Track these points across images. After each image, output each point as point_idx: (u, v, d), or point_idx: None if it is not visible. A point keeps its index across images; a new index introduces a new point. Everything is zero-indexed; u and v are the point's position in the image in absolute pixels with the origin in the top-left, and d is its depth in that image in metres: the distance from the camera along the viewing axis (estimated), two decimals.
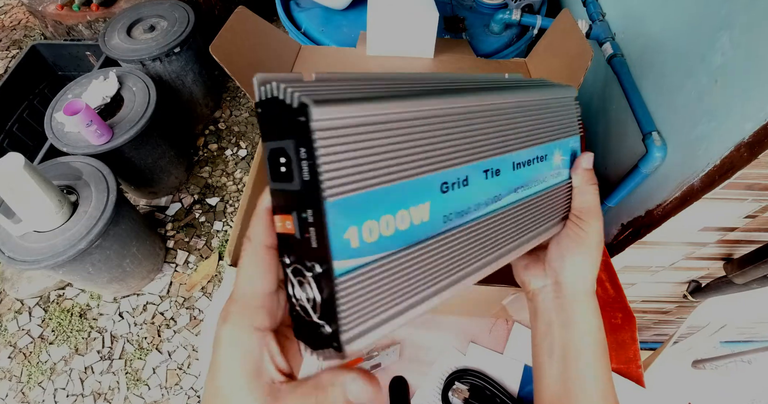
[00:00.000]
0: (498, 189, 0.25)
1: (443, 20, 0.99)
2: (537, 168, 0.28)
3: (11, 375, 1.21)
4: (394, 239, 0.18)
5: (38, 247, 0.96)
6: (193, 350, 1.25)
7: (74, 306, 1.31)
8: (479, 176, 0.23)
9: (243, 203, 0.54)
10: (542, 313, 0.31)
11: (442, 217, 0.21)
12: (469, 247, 0.23)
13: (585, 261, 0.29)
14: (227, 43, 0.62)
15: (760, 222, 0.64)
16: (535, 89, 0.29)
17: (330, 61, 0.79)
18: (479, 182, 0.23)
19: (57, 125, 1.18)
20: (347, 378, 0.18)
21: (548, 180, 0.29)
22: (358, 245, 0.17)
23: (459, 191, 0.22)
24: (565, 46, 0.67)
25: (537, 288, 0.31)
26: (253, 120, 1.76)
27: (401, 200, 0.19)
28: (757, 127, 0.48)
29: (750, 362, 1.06)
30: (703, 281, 0.81)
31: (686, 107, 0.61)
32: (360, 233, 0.17)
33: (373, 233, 0.18)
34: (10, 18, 2.17)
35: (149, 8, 1.46)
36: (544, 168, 0.28)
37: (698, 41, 0.59)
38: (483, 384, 0.54)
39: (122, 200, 1.08)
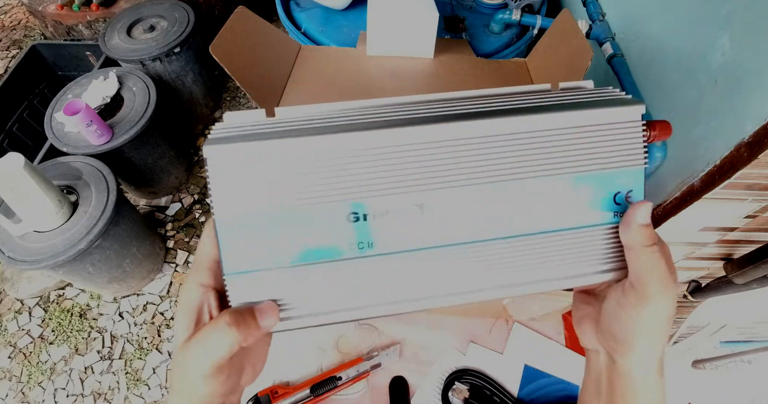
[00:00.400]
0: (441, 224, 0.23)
1: (443, 20, 0.99)
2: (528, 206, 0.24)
3: (11, 375, 1.21)
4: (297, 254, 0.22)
5: (38, 247, 0.96)
6: None
7: (74, 306, 1.31)
8: (407, 208, 0.23)
9: None
10: (593, 370, 0.27)
11: (357, 243, 0.22)
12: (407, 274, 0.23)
13: (644, 345, 0.23)
14: (227, 43, 0.62)
15: (760, 222, 0.64)
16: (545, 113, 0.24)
17: (330, 61, 0.79)
18: (406, 214, 0.23)
19: (57, 125, 1.18)
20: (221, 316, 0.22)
21: (563, 221, 0.24)
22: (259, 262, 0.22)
23: (374, 222, 0.22)
24: (565, 46, 0.67)
25: (589, 349, 0.27)
26: None
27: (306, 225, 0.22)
28: (757, 127, 0.48)
29: (750, 362, 1.06)
30: (703, 281, 0.81)
31: (686, 107, 0.61)
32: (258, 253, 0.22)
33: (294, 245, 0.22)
34: (10, 18, 2.17)
35: (149, 8, 1.46)
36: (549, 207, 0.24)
37: (698, 41, 0.58)
38: (483, 384, 0.55)
39: (122, 200, 1.08)
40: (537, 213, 0.24)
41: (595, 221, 0.24)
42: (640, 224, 0.23)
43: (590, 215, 0.24)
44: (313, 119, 0.23)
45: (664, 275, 0.22)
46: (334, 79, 0.76)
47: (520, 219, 0.23)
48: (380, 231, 0.23)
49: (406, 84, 0.76)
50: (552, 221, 0.24)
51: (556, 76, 0.69)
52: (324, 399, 0.54)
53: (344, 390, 0.55)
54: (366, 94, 0.73)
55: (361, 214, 0.22)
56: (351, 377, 0.55)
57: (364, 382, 0.56)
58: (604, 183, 0.24)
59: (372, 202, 0.22)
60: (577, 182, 0.24)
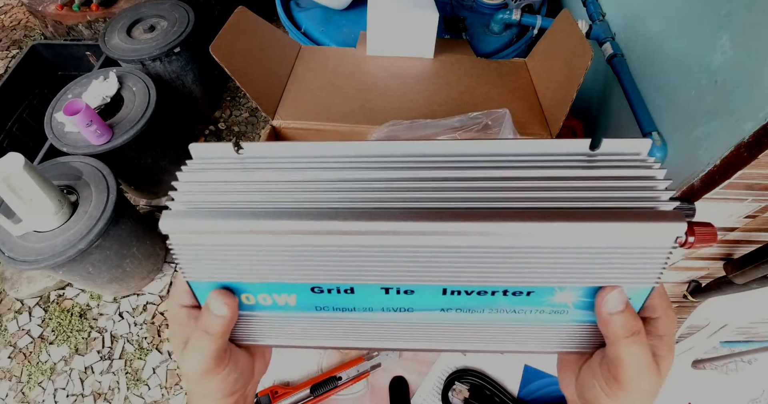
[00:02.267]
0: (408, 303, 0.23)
1: (443, 20, 0.99)
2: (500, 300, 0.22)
3: (11, 375, 1.21)
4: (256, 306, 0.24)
5: (38, 247, 0.96)
6: None
7: (74, 306, 1.31)
8: (372, 290, 0.23)
9: None
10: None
11: (314, 306, 0.24)
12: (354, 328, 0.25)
13: None
14: (227, 43, 0.62)
15: (760, 222, 0.64)
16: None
17: (330, 61, 0.79)
18: (372, 294, 0.23)
19: (57, 125, 1.18)
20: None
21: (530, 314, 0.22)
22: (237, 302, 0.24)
23: (338, 295, 0.23)
24: (565, 46, 0.67)
25: (566, 395, 0.26)
26: (253, 120, 1.76)
27: (263, 288, 0.23)
28: (757, 127, 0.48)
29: (750, 362, 1.06)
30: (703, 281, 0.81)
31: (686, 107, 0.61)
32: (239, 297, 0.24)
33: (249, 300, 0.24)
34: (10, 18, 2.17)
35: (149, 8, 1.46)
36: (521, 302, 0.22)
37: (698, 41, 0.58)
38: (483, 384, 0.54)
39: (122, 200, 1.08)
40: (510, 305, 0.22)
41: (575, 318, 0.22)
42: (610, 313, 0.20)
43: (571, 312, 0.22)
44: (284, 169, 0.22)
45: (645, 366, 0.20)
46: (334, 79, 0.76)
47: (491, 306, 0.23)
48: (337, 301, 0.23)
49: (406, 84, 0.76)
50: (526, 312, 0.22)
51: (556, 76, 0.69)
52: (324, 399, 0.54)
53: (344, 390, 0.55)
54: (366, 94, 0.73)
55: (325, 289, 0.23)
56: (351, 377, 0.55)
57: (364, 382, 0.56)
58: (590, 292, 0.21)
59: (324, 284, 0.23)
60: (564, 289, 0.21)
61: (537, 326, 0.23)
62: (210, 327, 0.23)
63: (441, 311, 0.23)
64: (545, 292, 0.21)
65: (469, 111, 0.64)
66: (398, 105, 0.72)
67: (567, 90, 0.62)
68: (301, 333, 0.25)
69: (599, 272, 0.20)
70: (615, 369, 0.21)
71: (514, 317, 0.23)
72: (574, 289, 0.21)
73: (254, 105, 1.64)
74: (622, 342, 0.20)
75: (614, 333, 0.20)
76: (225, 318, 0.23)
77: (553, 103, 0.68)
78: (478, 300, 0.22)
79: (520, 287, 0.21)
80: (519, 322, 0.23)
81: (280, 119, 0.69)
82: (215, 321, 0.23)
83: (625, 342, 0.20)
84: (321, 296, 0.23)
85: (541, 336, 0.24)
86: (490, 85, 0.75)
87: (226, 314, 0.23)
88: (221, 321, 0.23)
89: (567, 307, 0.22)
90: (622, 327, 0.20)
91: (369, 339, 0.25)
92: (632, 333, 0.20)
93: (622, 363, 0.20)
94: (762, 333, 1.02)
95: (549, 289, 0.21)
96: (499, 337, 0.24)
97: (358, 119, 0.69)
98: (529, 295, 0.21)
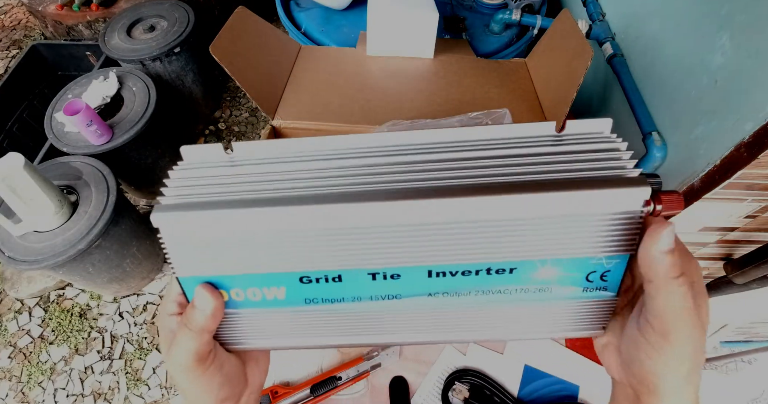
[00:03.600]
0: (395, 289, 0.23)
1: (443, 20, 0.99)
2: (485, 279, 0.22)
3: (11, 375, 1.21)
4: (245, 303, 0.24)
5: (38, 247, 0.96)
6: None
7: (74, 306, 1.31)
8: (359, 276, 0.23)
9: None
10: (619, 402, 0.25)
11: (303, 299, 0.24)
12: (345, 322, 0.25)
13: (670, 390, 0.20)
14: (227, 43, 0.62)
15: (760, 222, 0.64)
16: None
17: (330, 61, 0.79)
18: (359, 280, 0.23)
19: (57, 125, 1.18)
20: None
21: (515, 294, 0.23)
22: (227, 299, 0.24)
23: (327, 285, 0.23)
24: (565, 46, 0.67)
25: (614, 377, 0.25)
26: (253, 120, 1.76)
27: (251, 281, 0.23)
28: (757, 127, 0.48)
29: (750, 362, 1.06)
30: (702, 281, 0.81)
31: (686, 106, 0.61)
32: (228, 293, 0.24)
33: (223, 296, 0.24)
34: (10, 18, 2.17)
35: (149, 8, 1.46)
36: (505, 281, 0.22)
37: (698, 41, 0.59)
38: (483, 384, 0.55)
39: (122, 200, 1.08)
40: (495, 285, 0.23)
41: (559, 295, 0.23)
42: (662, 251, 0.19)
43: (554, 290, 0.23)
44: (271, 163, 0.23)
45: (691, 313, 0.19)
46: (334, 79, 0.76)
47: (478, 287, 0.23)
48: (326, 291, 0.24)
49: (406, 84, 0.76)
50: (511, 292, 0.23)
51: (556, 76, 0.69)
52: (324, 399, 0.54)
53: (344, 390, 0.55)
54: (366, 94, 0.73)
55: (313, 278, 0.23)
56: (351, 377, 0.55)
57: (364, 382, 0.56)
58: (578, 265, 0.22)
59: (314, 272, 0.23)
60: (545, 263, 0.22)
61: (525, 307, 0.23)
62: (192, 322, 0.23)
63: (428, 295, 0.23)
64: (527, 268, 0.22)
65: (469, 111, 0.64)
66: (398, 105, 0.72)
67: (567, 90, 0.62)
68: (290, 332, 0.25)
69: (575, 242, 0.21)
70: (660, 322, 0.19)
71: (500, 298, 0.23)
72: (555, 263, 0.22)
73: (254, 105, 1.64)
74: (671, 284, 0.19)
75: (664, 274, 0.19)
76: (207, 313, 0.23)
77: (553, 103, 0.68)
78: (464, 281, 0.22)
79: (502, 263, 0.22)
80: (506, 303, 0.23)
81: (280, 119, 0.69)
82: (198, 316, 0.23)
83: (676, 283, 0.19)
84: (310, 287, 0.23)
85: (532, 320, 0.24)
86: (490, 85, 0.75)
87: (209, 308, 0.23)
88: (203, 316, 0.23)
89: (550, 283, 0.22)
90: (673, 266, 0.19)
91: (360, 335, 0.25)
92: (680, 272, 0.19)
93: (668, 310, 0.19)
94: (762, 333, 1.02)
95: (531, 264, 0.22)
96: (490, 323, 0.24)
97: (358, 118, 0.69)
98: (512, 272, 0.22)
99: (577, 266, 0.22)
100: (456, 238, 0.21)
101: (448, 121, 0.63)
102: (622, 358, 0.23)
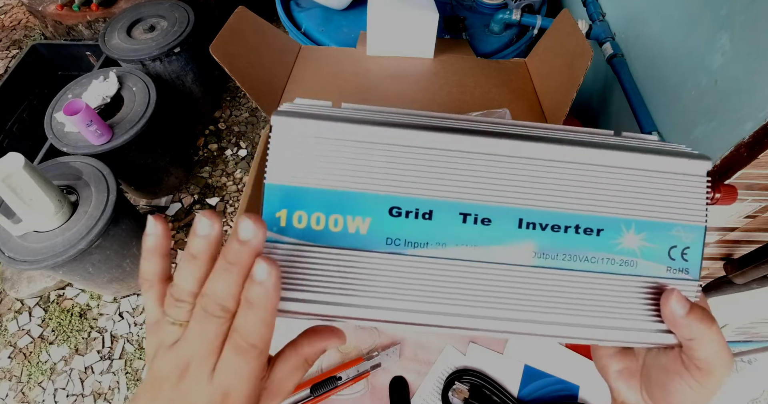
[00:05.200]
0: (484, 239, 0.22)
1: (443, 20, 0.99)
2: (574, 240, 0.23)
3: (11, 375, 1.21)
4: (323, 235, 0.22)
5: (38, 247, 0.96)
6: None
7: (74, 306, 1.31)
8: (450, 216, 0.22)
9: (243, 204, 0.54)
10: None
11: (385, 238, 0.22)
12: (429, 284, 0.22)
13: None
14: (227, 43, 0.62)
15: (760, 222, 0.64)
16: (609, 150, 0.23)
17: (330, 61, 0.79)
18: (449, 221, 0.22)
19: (57, 125, 1.18)
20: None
21: (602, 264, 0.23)
22: (284, 225, 0.22)
23: (415, 222, 0.22)
24: (565, 46, 0.67)
25: (625, 402, 0.26)
26: (253, 120, 1.75)
27: (338, 206, 0.22)
28: (757, 127, 0.48)
29: (750, 362, 1.06)
30: (703, 282, 0.81)
31: (686, 107, 0.61)
32: (289, 217, 0.22)
33: (302, 222, 0.22)
34: (10, 18, 2.17)
35: (149, 8, 1.46)
36: (592, 245, 0.23)
37: (698, 41, 0.59)
38: (483, 384, 0.55)
39: (122, 200, 1.08)
40: (583, 249, 0.23)
41: (644, 271, 0.23)
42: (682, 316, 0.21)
43: (640, 264, 0.23)
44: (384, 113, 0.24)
45: (727, 350, 0.21)
46: (334, 79, 0.76)
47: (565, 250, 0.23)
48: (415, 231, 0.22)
49: (406, 84, 0.76)
50: (598, 261, 0.23)
51: (556, 76, 0.69)
52: (324, 399, 0.54)
53: (344, 390, 0.55)
54: (366, 94, 0.73)
55: (404, 210, 0.22)
56: (351, 377, 0.55)
57: (364, 382, 0.56)
58: (659, 233, 0.23)
59: (409, 199, 0.22)
60: (630, 226, 0.23)
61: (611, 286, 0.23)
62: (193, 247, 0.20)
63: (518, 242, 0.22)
64: (614, 230, 0.23)
65: (469, 111, 0.64)
66: (398, 105, 0.72)
67: (567, 90, 0.62)
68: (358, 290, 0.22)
69: (655, 203, 0.23)
70: (705, 364, 0.21)
71: (587, 266, 0.23)
72: (639, 226, 0.23)
73: (254, 105, 1.64)
74: (706, 337, 0.21)
75: (693, 333, 0.21)
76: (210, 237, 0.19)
77: (553, 103, 0.68)
78: (552, 238, 0.23)
79: (590, 218, 0.23)
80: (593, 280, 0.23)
81: None
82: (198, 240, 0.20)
83: (711, 334, 0.21)
84: (397, 222, 0.22)
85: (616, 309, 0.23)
86: (490, 85, 0.75)
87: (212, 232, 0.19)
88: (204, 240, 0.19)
89: (635, 256, 0.23)
90: (699, 323, 0.21)
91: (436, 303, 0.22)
92: (710, 323, 0.21)
93: (711, 356, 0.21)
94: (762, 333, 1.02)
95: (616, 225, 0.23)
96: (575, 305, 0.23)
97: None
98: (599, 235, 0.23)
99: (660, 236, 0.23)
100: (551, 179, 0.23)
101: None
102: (651, 384, 0.24)
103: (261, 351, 0.19)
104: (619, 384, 0.25)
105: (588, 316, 0.22)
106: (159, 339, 0.20)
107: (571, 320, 0.22)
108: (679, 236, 0.23)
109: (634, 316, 0.22)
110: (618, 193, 0.23)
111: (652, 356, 0.24)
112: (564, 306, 0.22)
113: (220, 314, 0.19)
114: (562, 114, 0.63)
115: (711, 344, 0.21)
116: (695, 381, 0.22)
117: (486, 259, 0.22)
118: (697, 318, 0.21)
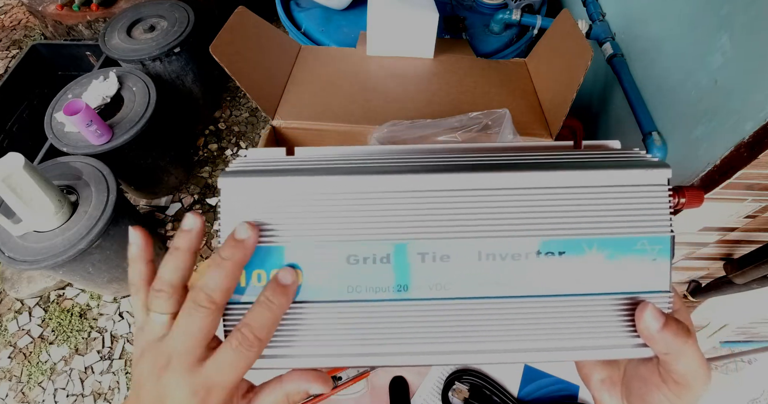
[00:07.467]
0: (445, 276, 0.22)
1: (443, 20, 0.99)
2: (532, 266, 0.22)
3: (11, 375, 1.21)
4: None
5: (38, 247, 0.96)
6: None
7: (74, 306, 1.31)
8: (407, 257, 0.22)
9: None
10: None
11: (346, 287, 0.22)
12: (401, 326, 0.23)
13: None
14: (227, 43, 0.62)
15: (760, 222, 0.64)
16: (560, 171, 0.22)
17: (330, 61, 0.79)
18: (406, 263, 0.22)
19: (57, 125, 1.18)
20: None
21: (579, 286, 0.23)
22: (245, 285, 0.22)
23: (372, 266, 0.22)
24: (565, 46, 0.67)
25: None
26: (253, 120, 1.76)
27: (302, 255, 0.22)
28: (757, 127, 0.48)
29: (750, 362, 1.06)
30: (703, 281, 0.81)
31: (686, 107, 0.61)
32: (248, 276, 0.22)
33: (261, 280, 0.22)
34: (10, 18, 2.17)
35: (149, 8, 1.46)
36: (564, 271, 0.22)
37: (698, 41, 0.59)
38: (483, 384, 0.55)
39: (122, 200, 1.08)
40: (552, 275, 0.22)
41: (612, 289, 0.23)
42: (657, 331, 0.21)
43: (607, 282, 0.22)
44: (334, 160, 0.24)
45: (705, 364, 0.21)
46: (334, 79, 0.76)
47: (535, 279, 0.22)
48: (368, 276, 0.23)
49: (406, 84, 0.76)
50: (568, 285, 0.23)
51: (556, 76, 0.69)
52: (324, 399, 0.54)
53: (344, 390, 0.55)
54: (366, 94, 0.73)
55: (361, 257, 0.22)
56: (351, 377, 0.55)
57: (364, 382, 0.56)
58: (622, 249, 0.22)
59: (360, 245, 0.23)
60: (592, 246, 0.22)
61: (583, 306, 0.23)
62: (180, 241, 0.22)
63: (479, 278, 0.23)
64: (575, 251, 0.22)
65: (469, 111, 0.64)
66: (398, 105, 0.72)
67: (567, 90, 0.62)
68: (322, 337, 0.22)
69: (615, 220, 0.22)
70: (683, 378, 0.21)
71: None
72: (601, 245, 0.22)
73: (254, 105, 1.64)
74: (682, 352, 0.21)
75: (668, 347, 0.21)
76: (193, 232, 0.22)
77: (553, 103, 0.68)
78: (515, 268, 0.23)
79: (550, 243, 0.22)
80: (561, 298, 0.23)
81: (280, 119, 0.69)
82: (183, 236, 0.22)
83: (685, 348, 0.21)
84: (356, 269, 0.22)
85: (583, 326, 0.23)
86: (490, 85, 0.75)
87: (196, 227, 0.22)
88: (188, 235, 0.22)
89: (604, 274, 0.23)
90: (674, 338, 0.21)
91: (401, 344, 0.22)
92: (686, 337, 0.21)
93: (688, 370, 0.21)
94: (762, 333, 1.02)
95: (578, 246, 0.22)
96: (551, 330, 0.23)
97: (358, 119, 0.69)
98: (561, 257, 0.22)
99: (623, 252, 0.22)
100: (507, 208, 0.22)
101: (448, 121, 0.63)
102: (631, 393, 0.24)
103: (261, 346, 0.21)
104: (602, 394, 0.26)
105: (563, 339, 0.22)
106: (146, 337, 0.22)
107: (545, 345, 0.22)
108: (644, 250, 0.23)
109: (610, 333, 0.22)
110: (578, 213, 0.22)
111: (632, 366, 0.24)
112: (537, 332, 0.22)
113: (206, 305, 0.20)
114: (562, 114, 0.63)
115: (686, 358, 0.21)
116: (673, 393, 0.22)
117: (449, 296, 0.22)
118: (672, 333, 0.21)
